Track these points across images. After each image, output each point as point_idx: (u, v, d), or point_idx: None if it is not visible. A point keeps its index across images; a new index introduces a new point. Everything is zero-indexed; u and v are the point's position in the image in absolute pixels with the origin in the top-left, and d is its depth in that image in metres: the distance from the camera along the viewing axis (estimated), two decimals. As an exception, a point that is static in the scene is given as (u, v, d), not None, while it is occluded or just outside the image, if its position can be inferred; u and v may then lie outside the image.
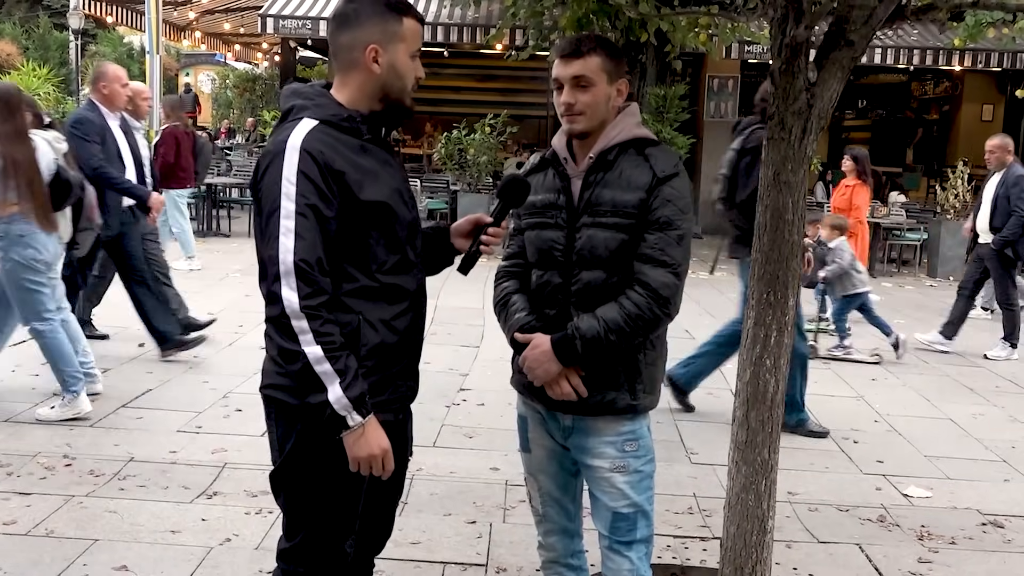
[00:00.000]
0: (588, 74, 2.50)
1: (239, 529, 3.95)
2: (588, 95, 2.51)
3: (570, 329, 2.47)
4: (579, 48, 2.51)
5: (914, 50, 15.10)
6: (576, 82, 2.50)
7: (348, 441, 2.19)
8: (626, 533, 2.61)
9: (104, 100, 6.38)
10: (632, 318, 2.44)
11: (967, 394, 6.83)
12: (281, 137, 2.20)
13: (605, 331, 2.44)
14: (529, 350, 2.52)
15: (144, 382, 6.03)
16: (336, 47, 2.34)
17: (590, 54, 2.50)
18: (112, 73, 6.43)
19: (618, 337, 2.44)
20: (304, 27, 15.09)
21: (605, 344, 2.45)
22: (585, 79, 2.50)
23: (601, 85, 2.51)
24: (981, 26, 11.28)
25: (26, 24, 29.08)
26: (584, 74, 2.50)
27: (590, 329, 2.44)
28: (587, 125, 2.53)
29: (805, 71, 2.88)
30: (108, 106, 6.39)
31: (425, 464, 4.71)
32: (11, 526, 3.87)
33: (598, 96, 2.51)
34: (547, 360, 2.48)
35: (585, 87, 2.50)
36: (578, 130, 2.54)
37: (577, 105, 2.51)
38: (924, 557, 4.02)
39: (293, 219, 2.12)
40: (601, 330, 2.44)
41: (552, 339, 2.49)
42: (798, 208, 2.98)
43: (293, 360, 2.14)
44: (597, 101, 2.51)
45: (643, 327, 2.46)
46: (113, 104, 6.41)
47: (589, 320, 2.46)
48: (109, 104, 6.39)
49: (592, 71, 2.50)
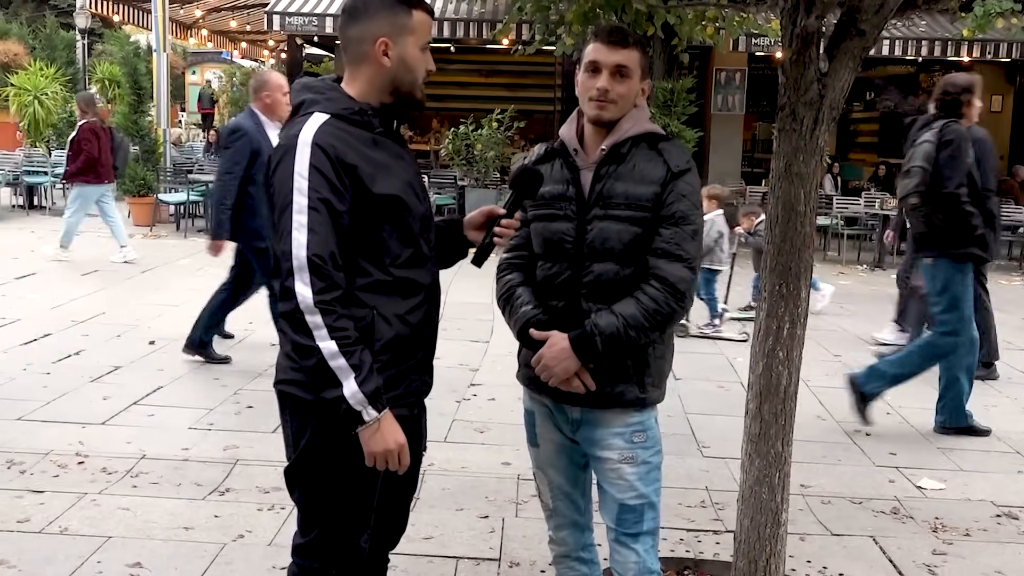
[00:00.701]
0: (630, 65, 2.51)
1: (252, 525, 3.95)
2: (624, 86, 2.51)
3: (588, 326, 2.46)
4: (626, 37, 2.52)
5: (922, 41, 15.04)
6: (618, 70, 2.50)
7: (364, 436, 2.18)
8: (632, 525, 2.60)
9: (265, 109, 6.24)
10: (650, 313, 2.43)
11: (979, 385, 6.76)
12: (293, 132, 2.20)
13: (624, 327, 2.43)
14: (546, 348, 2.50)
15: (155, 379, 6.04)
16: (346, 40, 2.34)
17: (634, 47, 2.52)
18: (275, 82, 6.31)
19: (637, 332, 2.44)
20: (310, 24, 15.08)
21: (624, 340, 2.44)
22: (627, 69, 2.51)
23: (635, 79, 2.53)
24: (990, 16, 11.21)
25: (33, 24, 29.09)
26: (627, 64, 2.50)
27: (609, 325, 2.43)
28: (615, 114, 2.53)
29: (816, 61, 2.87)
30: (269, 115, 6.23)
31: (437, 459, 4.70)
32: (25, 524, 3.88)
33: (632, 88, 2.53)
34: (566, 358, 2.47)
35: (624, 77, 2.51)
36: (607, 118, 2.53)
37: (612, 93, 2.50)
38: (938, 549, 4.01)
39: (306, 214, 2.12)
40: (620, 326, 2.43)
41: (570, 337, 2.47)
42: (810, 199, 2.97)
43: (308, 355, 2.13)
44: (631, 93, 2.53)
45: (661, 321, 2.45)
46: (274, 114, 6.23)
47: (608, 316, 2.45)
48: (270, 113, 6.23)
49: (633, 63, 2.51)
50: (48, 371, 6.12)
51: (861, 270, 12.57)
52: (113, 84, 21.88)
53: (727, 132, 16.83)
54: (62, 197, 15.49)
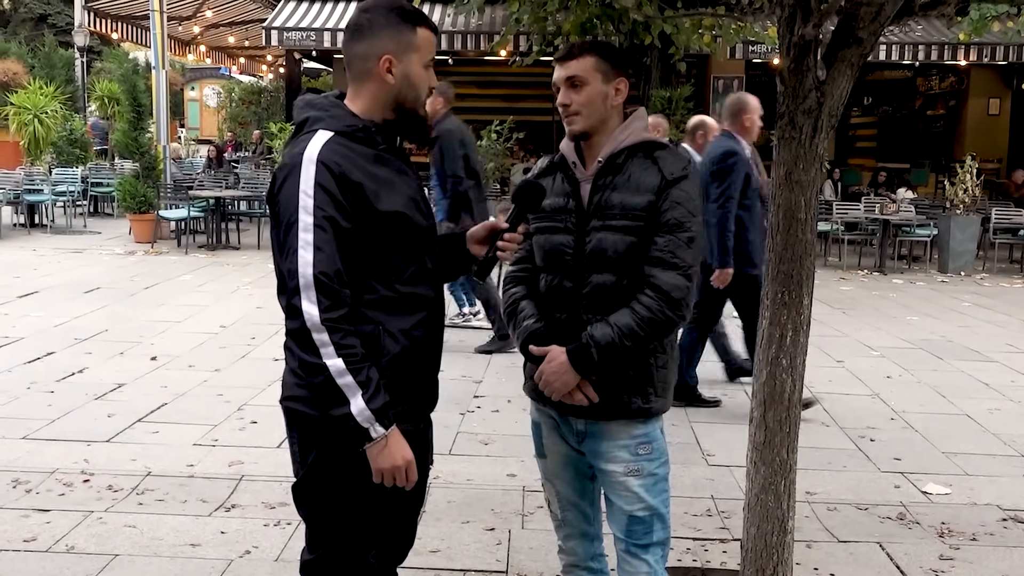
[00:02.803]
0: (580, 73, 2.53)
1: (258, 541, 3.95)
2: (582, 95, 2.53)
3: (584, 338, 2.47)
4: (571, 51, 2.57)
5: (919, 46, 15.07)
6: (570, 82, 2.54)
7: (371, 453, 2.18)
8: (642, 536, 2.60)
9: (744, 132, 5.94)
10: (645, 322, 2.44)
11: (983, 389, 6.80)
12: (297, 150, 2.21)
13: (620, 337, 2.43)
14: (546, 364, 2.51)
15: (159, 396, 6.04)
16: (350, 57, 2.35)
17: (583, 55, 2.54)
18: (754, 105, 6.01)
19: (633, 342, 2.44)
20: (308, 38, 15.15)
21: (621, 350, 2.44)
22: (578, 79, 2.53)
23: (595, 84, 2.54)
24: (986, 20, 11.24)
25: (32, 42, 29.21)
26: (576, 74, 2.53)
27: (604, 336, 2.44)
28: (584, 125, 2.55)
29: (814, 69, 2.88)
30: (747, 138, 5.96)
31: (442, 472, 4.70)
32: (31, 543, 3.88)
33: (592, 95, 2.54)
34: (564, 372, 2.48)
35: (578, 87, 2.54)
36: (577, 130, 2.57)
37: (572, 105, 2.54)
38: (945, 554, 4.01)
39: (311, 232, 2.12)
40: (616, 336, 2.43)
41: (568, 350, 2.48)
42: (810, 207, 2.98)
43: (315, 373, 2.14)
44: (592, 100, 2.54)
45: (657, 331, 2.46)
46: (750, 136, 5.98)
47: (603, 328, 2.45)
48: (748, 136, 5.96)
49: (584, 70, 2.53)
50: (52, 389, 6.13)
51: (862, 275, 12.57)
52: (112, 101, 21.90)
53: (726, 140, 16.84)
54: (63, 216, 15.54)
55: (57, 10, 35.22)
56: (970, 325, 9.19)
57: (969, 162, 12.56)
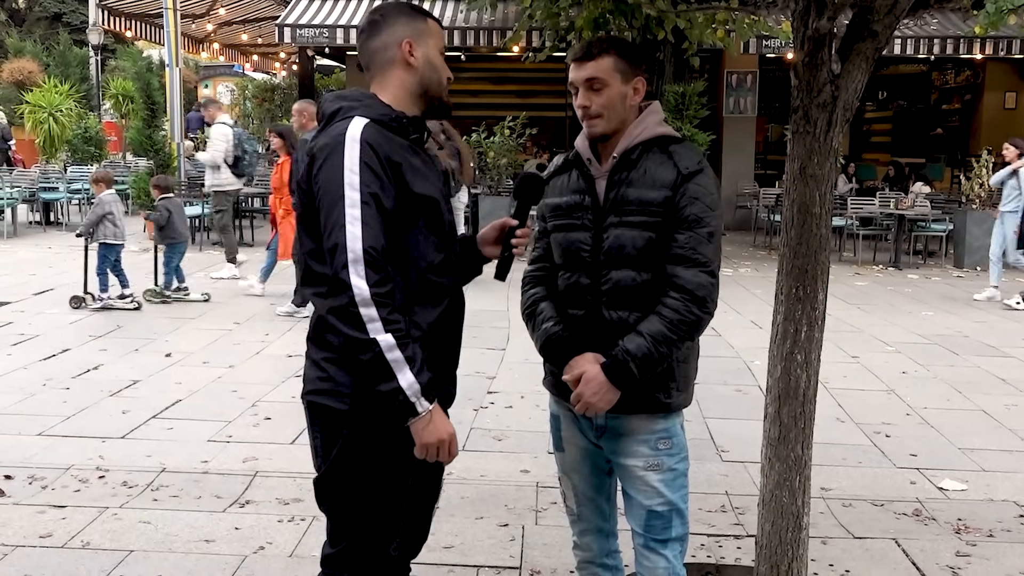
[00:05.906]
0: (601, 75, 2.50)
1: (272, 537, 3.96)
2: (602, 96, 2.51)
3: (619, 354, 2.43)
4: (590, 51, 2.52)
5: (934, 39, 14.96)
6: (589, 84, 2.51)
7: (416, 427, 2.19)
8: (661, 531, 2.59)
9: None
10: (675, 325, 2.42)
11: (999, 384, 6.75)
12: (336, 131, 2.21)
13: (654, 345, 2.41)
14: (583, 386, 2.46)
15: (173, 393, 6.07)
16: (370, 54, 2.37)
17: (601, 56, 2.50)
18: None
19: (667, 347, 2.43)
20: (321, 35, 15.15)
21: (657, 358, 2.43)
22: (598, 81, 2.50)
23: (615, 85, 2.51)
24: (1003, 13, 11.13)
25: (46, 41, 29.35)
26: (597, 76, 2.50)
27: (639, 348, 2.42)
28: (606, 127, 2.53)
29: (829, 63, 2.86)
30: None
31: (455, 468, 4.70)
32: (47, 539, 3.90)
33: (612, 97, 2.51)
34: (606, 391, 2.44)
35: (599, 89, 2.50)
36: (598, 132, 2.54)
37: (592, 107, 2.51)
38: (962, 551, 3.98)
39: (359, 207, 2.13)
40: (650, 346, 2.41)
41: (604, 368, 2.44)
42: (825, 201, 2.96)
43: (364, 349, 2.13)
44: (612, 102, 2.51)
45: (687, 331, 2.44)
46: None
47: (635, 339, 2.43)
48: None
49: (604, 72, 2.50)
50: (67, 386, 6.16)
51: (877, 270, 12.52)
52: (127, 99, 22.03)
53: (740, 134, 16.81)
54: (78, 213, 15.60)
55: (72, 9, 35.35)
56: (986, 320, 9.14)
57: (985, 157, 12.46)
